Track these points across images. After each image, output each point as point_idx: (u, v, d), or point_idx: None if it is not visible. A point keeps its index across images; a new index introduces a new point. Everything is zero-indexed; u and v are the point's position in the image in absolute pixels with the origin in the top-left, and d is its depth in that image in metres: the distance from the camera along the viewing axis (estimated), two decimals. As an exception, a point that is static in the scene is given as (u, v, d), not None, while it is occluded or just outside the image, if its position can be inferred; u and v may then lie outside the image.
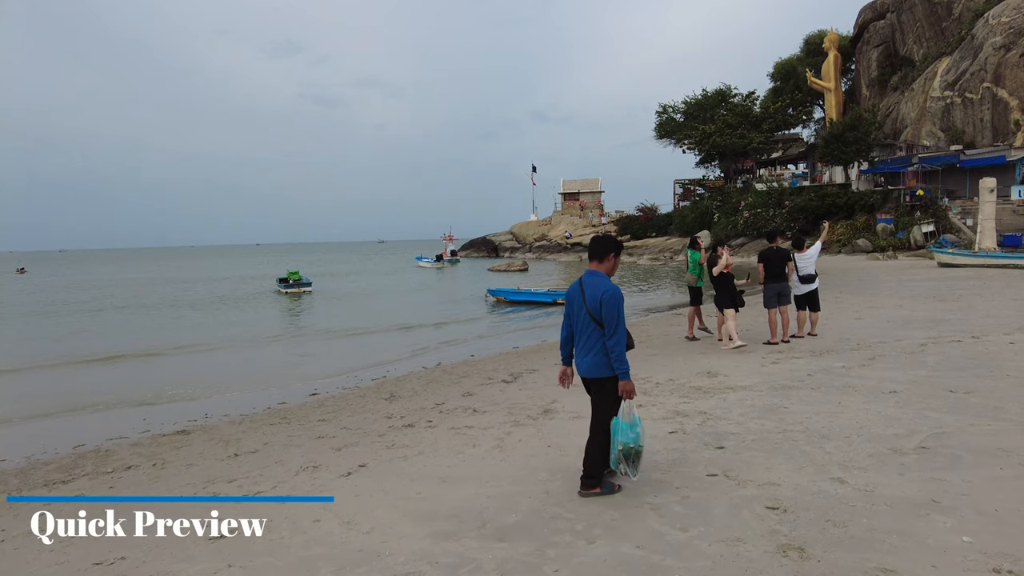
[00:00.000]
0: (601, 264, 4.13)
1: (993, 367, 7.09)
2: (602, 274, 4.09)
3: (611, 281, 4.06)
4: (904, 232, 32.83)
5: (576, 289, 4.15)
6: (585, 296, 4.02)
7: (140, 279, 46.97)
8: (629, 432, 3.88)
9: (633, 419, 3.92)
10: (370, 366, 11.15)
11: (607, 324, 3.86)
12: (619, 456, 3.92)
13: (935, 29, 44.64)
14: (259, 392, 9.54)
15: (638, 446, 3.90)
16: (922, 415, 5.39)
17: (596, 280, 4.02)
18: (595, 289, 3.96)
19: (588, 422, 6.24)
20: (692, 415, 6.01)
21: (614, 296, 3.90)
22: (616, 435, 3.90)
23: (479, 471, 4.91)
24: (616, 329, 3.85)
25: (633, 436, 3.88)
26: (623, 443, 3.88)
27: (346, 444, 6.27)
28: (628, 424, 3.90)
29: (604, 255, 4.13)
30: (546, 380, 8.54)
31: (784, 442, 4.93)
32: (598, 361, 3.96)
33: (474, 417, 6.77)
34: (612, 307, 3.87)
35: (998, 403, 5.62)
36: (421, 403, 7.82)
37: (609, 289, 3.93)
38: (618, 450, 3.90)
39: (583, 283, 4.08)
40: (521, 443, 5.59)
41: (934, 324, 10.67)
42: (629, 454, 3.91)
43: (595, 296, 3.94)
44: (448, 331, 15.71)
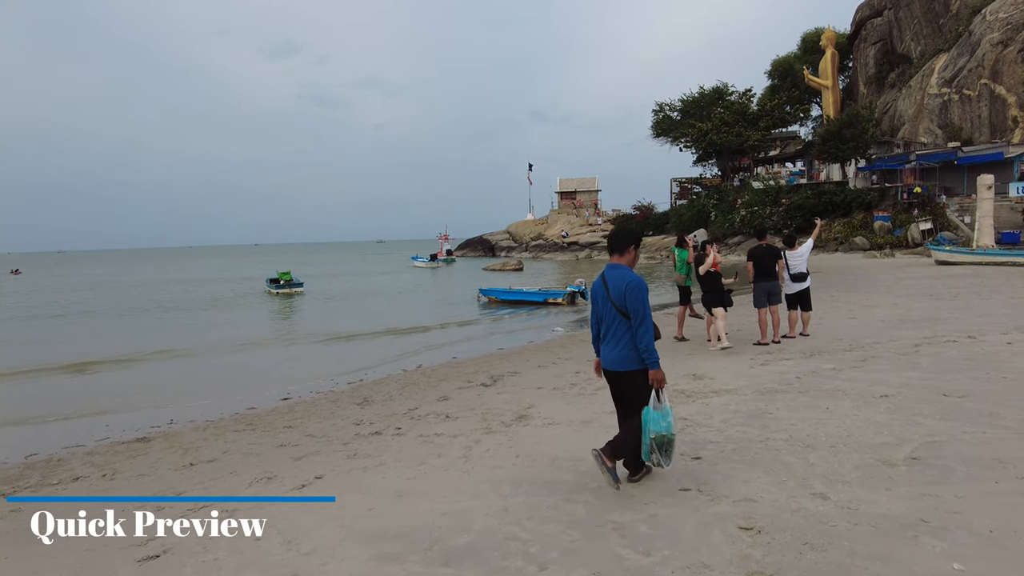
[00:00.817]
0: (622, 257, 4.10)
1: (989, 368, 6.76)
2: (624, 266, 4.07)
3: (633, 272, 4.04)
4: (901, 230, 32.55)
5: (599, 284, 4.12)
6: (609, 289, 4.00)
7: (133, 281, 46.56)
8: (661, 421, 3.87)
9: (664, 409, 3.90)
10: (351, 370, 10.78)
11: (633, 315, 3.86)
12: (651, 446, 3.90)
13: (932, 26, 44.36)
14: (231, 397, 9.20)
15: (671, 435, 3.88)
16: (913, 422, 5.07)
17: (618, 272, 4.01)
18: (618, 281, 3.95)
19: (562, 429, 5.98)
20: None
21: (639, 286, 3.89)
22: (648, 425, 3.88)
23: (439, 484, 4.59)
24: (643, 319, 3.84)
25: (665, 425, 3.87)
26: (655, 432, 3.86)
27: (307, 453, 5.94)
28: (660, 414, 3.88)
29: (624, 248, 4.11)
30: (527, 383, 8.23)
31: (766, 452, 4.61)
32: (627, 354, 3.94)
33: (445, 424, 6.45)
34: (637, 297, 3.86)
35: (994, 408, 5.30)
36: (394, 408, 7.50)
37: (633, 280, 3.92)
38: (650, 439, 3.89)
39: (605, 277, 4.06)
40: (489, 453, 5.26)
41: (930, 323, 10.36)
42: (662, 443, 3.90)
43: (619, 288, 3.92)
44: (435, 333, 15.30)
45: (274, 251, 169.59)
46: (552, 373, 8.74)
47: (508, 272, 38.29)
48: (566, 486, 4.27)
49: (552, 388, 7.73)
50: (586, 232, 57.11)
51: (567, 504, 3.95)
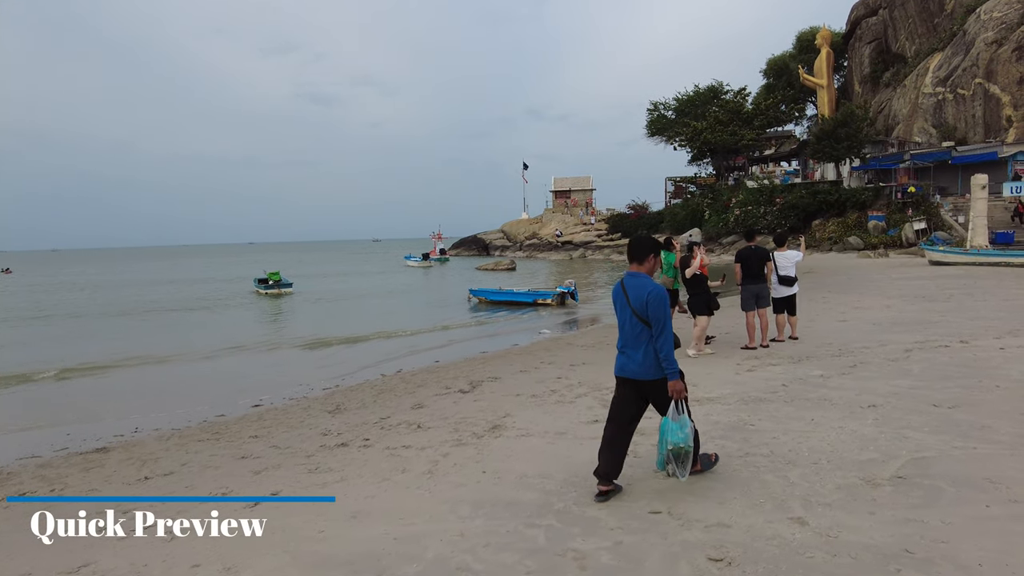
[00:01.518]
0: (641, 266, 4.10)
1: (982, 376, 6.52)
2: (643, 275, 4.07)
3: (653, 280, 4.06)
4: (896, 230, 32.38)
5: (619, 291, 4.12)
6: (629, 297, 3.99)
7: (122, 281, 46.04)
8: (679, 432, 3.89)
9: (682, 419, 3.91)
10: (330, 376, 10.45)
11: (655, 324, 3.85)
12: (668, 456, 3.93)
13: (927, 25, 44.24)
14: (202, 405, 8.89)
15: (688, 446, 3.91)
16: (902, 435, 4.81)
17: (639, 281, 4.01)
18: (639, 290, 3.95)
19: (535, 441, 5.70)
20: (649, 433, 5.41)
21: (660, 296, 3.91)
22: (665, 435, 3.92)
23: (398, 504, 4.31)
24: (664, 328, 3.84)
25: (683, 436, 3.89)
26: (672, 443, 3.90)
27: (268, 467, 5.66)
28: (677, 424, 3.90)
29: (643, 257, 4.10)
30: (506, 390, 7.95)
31: (744, 469, 4.34)
32: (648, 363, 3.92)
33: (415, 435, 6.17)
34: (658, 306, 3.87)
35: (986, 420, 5.05)
36: (365, 417, 7.22)
37: (654, 289, 3.93)
38: (667, 450, 3.92)
39: (625, 285, 4.06)
40: (455, 468, 4.98)
41: (922, 327, 10.12)
42: (679, 454, 3.92)
43: (640, 297, 3.92)
44: (421, 337, 14.89)
45: (269, 250, 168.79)
46: (533, 379, 8.47)
47: (500, 272, 38.01)
48: (530, 507, 3.99)
49: (531, 395, 7.46)
50: (580, 231, 56.84)
51: (528, 529, 3.67)
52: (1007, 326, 9.67)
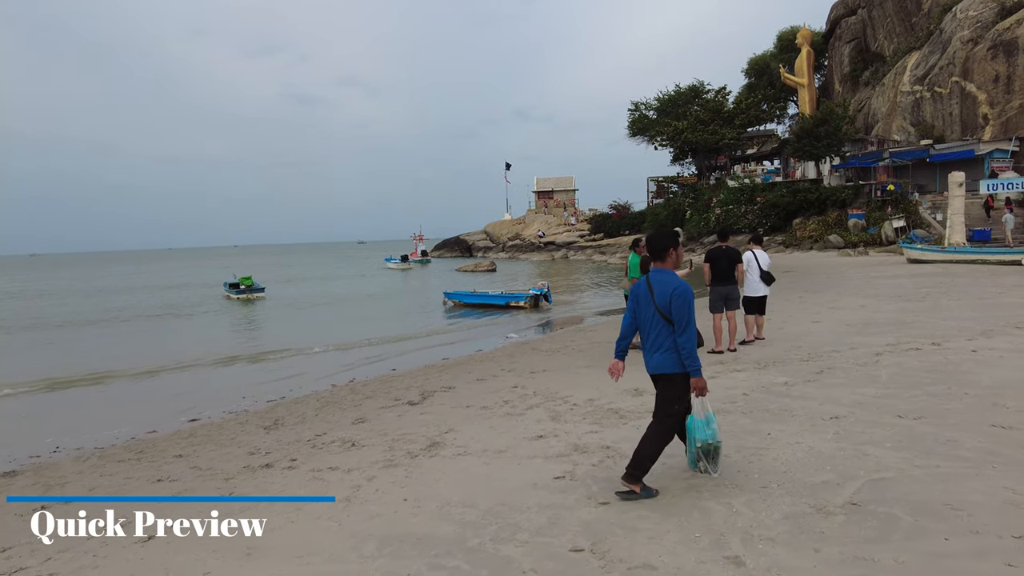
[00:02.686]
0: (663, 262, 4.07)
1: (951, 382, 6.17)
2: (668, 270, 4.05)
3: (679, 277, 4.02)
4: (875, 228, 32.35)
5: (644, 287, 4.07)
6: (654, 294, 3.95)
7: (95, 287, 44.76)
8: (706, 429, 3.86)
9: (708, 416, 3.87)
10: (280, 389, 9.84)
11: (678, 321, 3.83)
12: (698, 454, 3.88)
13: (905, 24, 44.46)
14: (136, 421, 8.30)
15: (716, 442, 3.89)
16: (861, 452, 4.42)
17: (664, 277, 3.98)
18: (664, 286, 3.91)
19: (470, 461, 5.25)
20: (593, 451, 5.00)
21: (685, 293, 3.87)
22: (693, 433, 3.89)
23: (301, 539, 3.84)
24: (687, 326, 3.83)
25: (710, 432, 3.87)
26: (701, 440, 3.86)
27: (181, 491, 5.16)
28: (703, 421, 3.86)
29: (663, 252, 4.06)
30: (457, 401, 7.50)
31: (686, 495, 3.92)
32: (668, 358, 3.90)
33: (346, 454, 5.69)
34: (683, 304, 3.84)
35: (951, 433, 4.67)
36: (301, 433, 6.72)
37: (679, 286, 3.90)
38: (696, 448, 3.86)
39: (651, 281, 4.02)
40: (377, 494, 4.52)
41: (895, 327, 9.82)
42: (708, 451, 3.88)
43: (664, 293, 3.89)
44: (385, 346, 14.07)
45: (253, 252, 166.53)
46: (488, 388, 8.02)
47: (480, 273, 37.54)
48: (441, 543, 3.54)
49: (481, 407, 7.00)
50: (563, 232, 56.51)
51: (431, 572, 3.22)
52: (980, 326, 9.39)
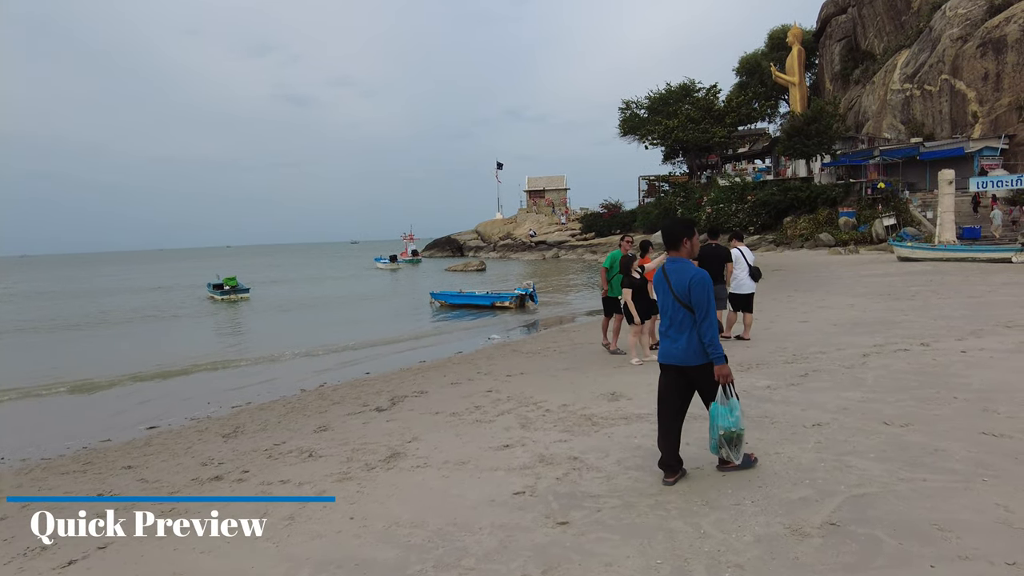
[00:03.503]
0: (679, 251, 4.04)
1: (940, 386, 5.89)
2: (683, 259, 4.02)
3: (695, 265, 3.97)
4: (866, 226, 32.22)
5: (661, 278, 4.04)
6: (671, 283, 3.92)
7: (79, 290, 44.01)
8: (729, 416, 3.85)
9: (731, 403, 3.86)
10: (247, 395, 9.42)
11: (697, 309, 3.80)
12: (720, 441, 3.87)
13: (895, 23, 44.42)
14: (93, 429, 7.92)
15: (739, 429, 3.87)
16: (844, 464, 4.12)
17: (680, 266, 3.96)
18: (681, 275, 3.89)
19: (428, 474, 4.91)
20: (559, 462, 4.67)
21: (703, 280, 3.83)
22: (715, 420, 3.86)
23: (232, 564, 3.51)
24: (707, 313, 3.79)
25: (733, 420, 3.85)
26: (724, 428, 3.84)
27: (118, 508, 4.79)
28: (727, 409, 3.85)
29: (677, 243, 4.03)
30: (427, 407, 7.16)
31: (652, 512, 3.60)
32: (692, 348, 3.86)
33: (301, 466, 5.35)
34: (701, 291, 3.80)
35: (939, 442, 4.38)
36: (259, 443, 6.36)
37: (696, 274, 3.86)
38: (719, 435, 3.86)
39: (666, 271, 3.99)
40: (323, 512, 4.18)
41: (883, 327, 9.56)
42: (731, 438, 3.88)
43: (682, 282, 3.87)
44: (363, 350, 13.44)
45: (246, 253, 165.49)
46: (460, 393, 7.68)
47: (470, 272, 37.20)
48: (380, 570, 3.22)
49: (451, 413, 6.67)
50: (554, 231, 56.22)
51: (362, 607, 2.89)
52: (970, 326, 9.14)
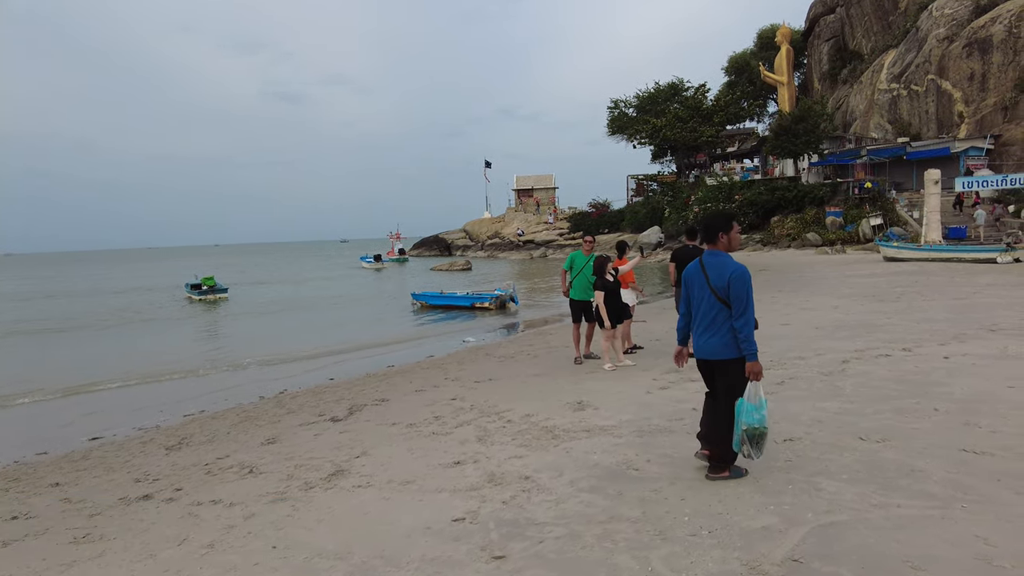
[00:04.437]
0: (715, 245, 3.98)
1: (920, 395, 5.59)
2: (722, 253, 3.95)
3: (734, 260, 3.89)
4: (853, 225, 32.13)
5: (697, 270, 3.98)
6: (709, 277, 3.87)
7: (56, 289, 43.07)
8: (755, 414, 3.77)
9: (759, 401, 3.80)
10: (204, 403, 8.96)
11: (736, 304, 3.75)
12: (743, 437, 3.82)
13: (882, 22, 44.47)
14: (30, 443, 7.46)
15: (763, 428, 3.79)
16: (813, 486, 3.79)
17: (719, 260, 3.90)
18: (720, 269, 3.84)
19: (369, 495, 4.52)
20: (509, 482, 4.32)
21: (742, 276, 3.78)
22: (740, 416, 3.80)
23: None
24: (745, 309, 3.75)
25: (759, 418, 3.77)
26: (747, 424, 3.77)
27: (30, 533, 4.41)
28: (754, 406, 3.79)
29: (714, 236, 3.97)
30: (384, 417, 6.78)
31: (598, 545, 3.25)
32: (725, 342, 3.82)
33: (238, 483, 4.96)
34: (741, 287, 3.76)
35: (917, 460, 4.07)
36: (202, 455, 5.96)
37: (737, 269, 3.80)
38: (742, 431, 3.80)
39: (704, 263, 3.94)
40: (247, 538, 3.81)
41: (866, 331, 9.29)
42: (753, 436, 3.80)
43: (721, 276, 3.82)
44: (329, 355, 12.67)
45: (233, 252, 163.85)
46: (423, 401, 7.31)
47: (456, 272, 36.78)
48: (286, 618, 2.84)
49: (408, 424, 6.30)
50: (542, 230, 55.91)
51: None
52: (954, 329, 8.89)
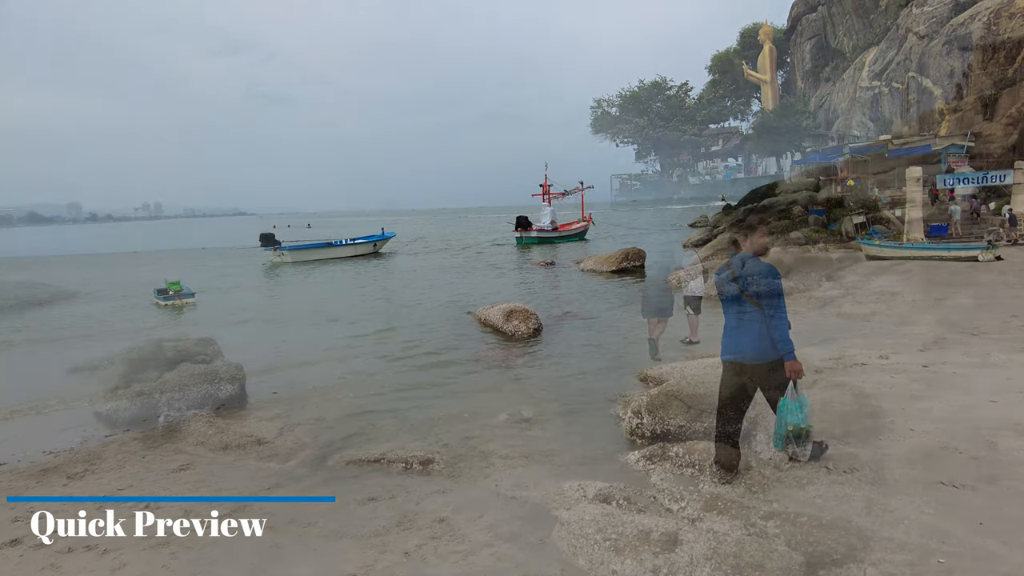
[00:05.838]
0: (743, 248, 3.95)
1: (895, 413, 5.08)
2: (751, 255, 3.91)
3: (761, 261, 3.84)
4: (836, 224, 31.90)
5: (725, 273, 3.96)
6: (738, 278, 3.85)
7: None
8: (798, 413, 3.79)
9: (801, 399, 3.81)
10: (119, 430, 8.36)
11: (767, 304, 3.73)
12: (788, 437, 3.84)
13: (863, 21, 44.44)
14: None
15: (808, 426, 3.81)
16: (747, 559, 3.24)
17: (748, 261, 3.85)
18: (749, 269, 3.81)
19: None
20: (421, 527, 3.74)
21: (771, 274, 3.76)
22: (784, 416, 3.81)
23: None
24: (778, 308, 3.72)
25: (802, 416, 3.79)
26: (792, 424, 3.79)
27: None
28: (796, 405, 3.79)
29: (741, 240, 3.96)
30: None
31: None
32: (761, 345, 3.77)
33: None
34: (771, 286, 3.74)
35: (889, 497, 3.54)
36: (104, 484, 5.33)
37: (765, 268, 3.80)
38: (787, 431, 3.82)
39: (732, 265, 3.92)
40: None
41: (842, 336, 8.84)
42: (799, 435, 3.83)
43: (750, 277, 3.79)
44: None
45: (219, 255, 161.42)
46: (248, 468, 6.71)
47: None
48: None
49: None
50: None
51: None
52: (933, 333, 8.45)
